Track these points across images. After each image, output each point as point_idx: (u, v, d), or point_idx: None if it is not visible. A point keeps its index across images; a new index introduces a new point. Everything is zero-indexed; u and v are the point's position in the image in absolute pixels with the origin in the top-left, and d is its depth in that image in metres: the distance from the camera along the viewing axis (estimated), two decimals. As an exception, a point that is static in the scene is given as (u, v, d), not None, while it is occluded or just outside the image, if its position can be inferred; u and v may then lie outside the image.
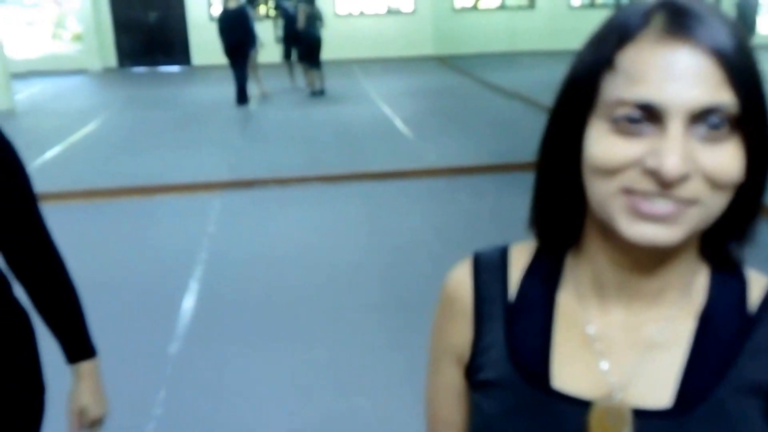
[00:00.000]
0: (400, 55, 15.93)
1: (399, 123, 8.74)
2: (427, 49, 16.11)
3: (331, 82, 11.61)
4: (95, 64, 15.55)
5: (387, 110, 9.68)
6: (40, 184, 1.55)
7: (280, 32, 12.33)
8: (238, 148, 7.68)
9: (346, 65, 14.81)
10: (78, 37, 16.32)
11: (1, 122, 1.69)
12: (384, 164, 6.67)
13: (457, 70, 13.95)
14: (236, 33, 9.96)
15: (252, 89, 10.68)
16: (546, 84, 10.38)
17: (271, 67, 12.59)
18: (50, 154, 7.47)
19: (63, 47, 16.76)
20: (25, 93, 12.26)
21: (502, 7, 16.94)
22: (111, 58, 15.92)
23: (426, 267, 4.20)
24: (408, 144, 7.70)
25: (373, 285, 4.07)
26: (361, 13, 16.57)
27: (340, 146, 7.69)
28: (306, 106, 10.45)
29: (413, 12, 16.51)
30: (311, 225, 5.14)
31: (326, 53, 11.22)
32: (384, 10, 16.63)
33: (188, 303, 3.86)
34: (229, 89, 10.50)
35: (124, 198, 5.78)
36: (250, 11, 10.45)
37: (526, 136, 8.04)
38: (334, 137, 8.14)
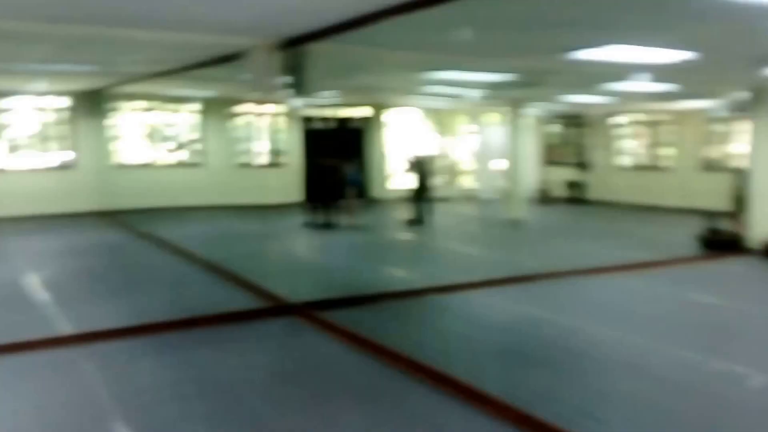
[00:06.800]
0: (61, 212, 14.51)
1: (36, 287, 7.58)
2: (91, 205, 14.89)
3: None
4: None
5: (27, 273, 8.36)
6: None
7: None
8: None
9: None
10: None
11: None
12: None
13: (122, 226, 13.06)
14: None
15: None
16: (210, 237, 10.25)
17: None
18: None
19: None
20: None
21: (174, 164, 16.69)
22: None
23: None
24: (39, 311, 6.60)
25: None
26: (14, 169, 14.83)
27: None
28: None
29: (75, 167, 15.20)
30: None
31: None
32: (41, 165, 15.06)
33: None
34: None
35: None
36: None
37: (186, 293, 7.46)
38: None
